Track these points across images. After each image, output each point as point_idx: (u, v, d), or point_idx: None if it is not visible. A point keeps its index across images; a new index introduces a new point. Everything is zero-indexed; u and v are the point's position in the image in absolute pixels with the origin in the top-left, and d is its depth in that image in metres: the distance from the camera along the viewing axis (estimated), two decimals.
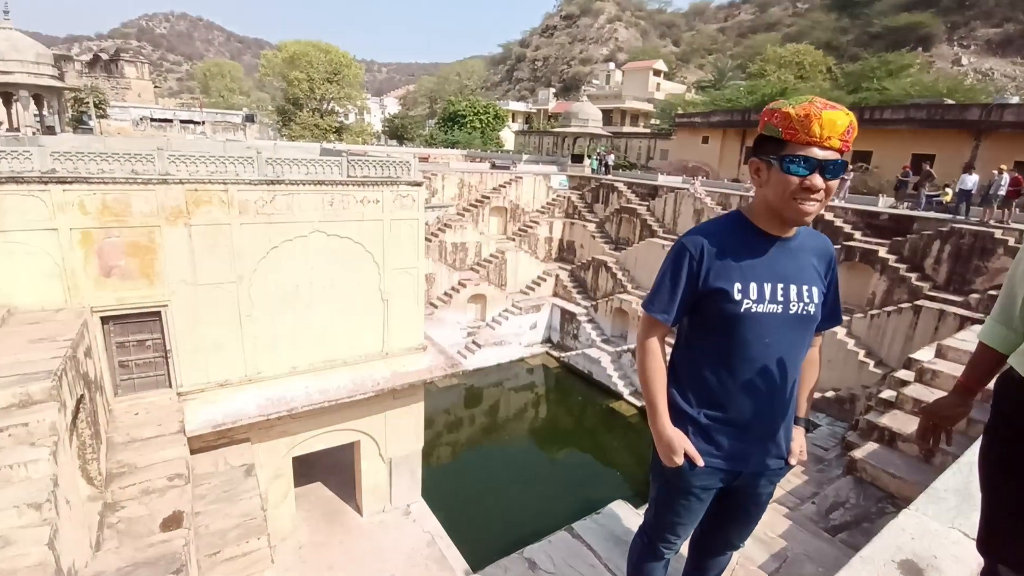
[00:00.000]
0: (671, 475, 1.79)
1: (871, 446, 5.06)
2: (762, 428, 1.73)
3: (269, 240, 9.47)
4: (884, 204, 16.65)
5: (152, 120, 38.89)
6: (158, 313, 8.81)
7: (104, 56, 59.35)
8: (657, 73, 53.86)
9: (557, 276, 23.97)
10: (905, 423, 5.11)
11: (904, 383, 5.90)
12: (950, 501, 2.92)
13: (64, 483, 5.15)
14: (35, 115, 18.51)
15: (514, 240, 23.92)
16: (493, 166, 27.37)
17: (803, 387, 1.84)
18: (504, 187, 23.97)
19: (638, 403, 18.22)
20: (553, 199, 25.53)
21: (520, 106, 61.54)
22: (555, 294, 23.93)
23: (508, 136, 51.05)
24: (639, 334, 1.82)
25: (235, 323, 9.39)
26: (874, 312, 13.92)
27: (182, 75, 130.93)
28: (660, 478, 1.87)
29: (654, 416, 1.76)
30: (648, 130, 44.02)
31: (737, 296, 1.60)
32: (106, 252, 8.21)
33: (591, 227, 23.96)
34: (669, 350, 1.88)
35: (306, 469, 11.79)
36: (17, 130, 17.81)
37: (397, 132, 51.44)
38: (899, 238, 14.56)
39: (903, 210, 15.93)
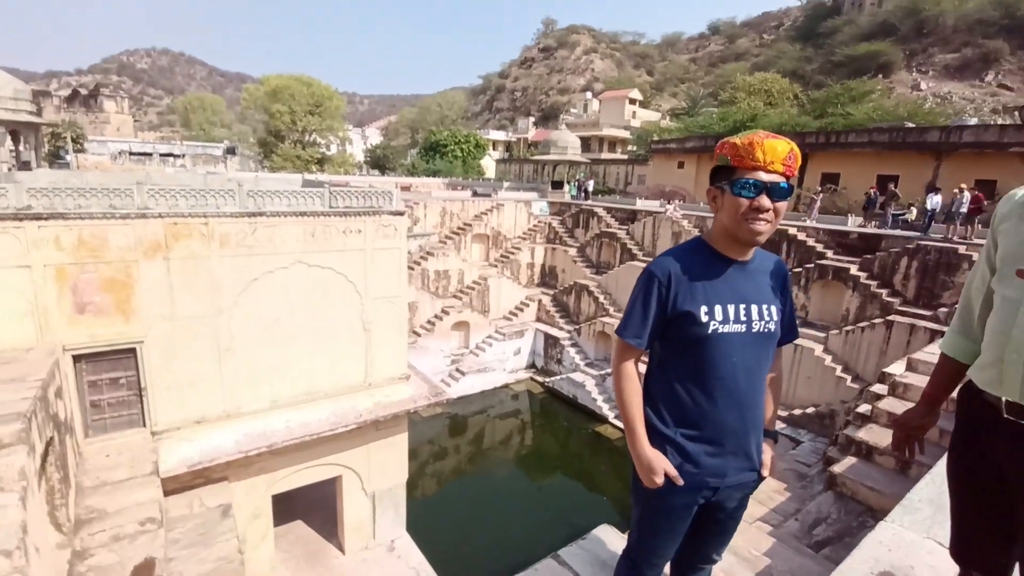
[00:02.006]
0: (652, 496, 1.82)
1: (850, 460, 5.14)
2: (735, 443, 1.78)
3: (250, 272, 9.39)
4: (853, 223, 17.21)
5: (131, 154, 38.65)
6: (133, 350, 8.61)
7: (83, 91, 59.23)
8: (632, 102, 55.48)
9: (540, 301, 24.07)
10: (881, 436, 5.21)
11: (879, 397, 6.04)
12: (924, 511, 2.99)
13: (33, 530, 4.95)
14: (11, 151, 18.29)
15: (496, 266, 24.04)
16: (475, 194, 27.67)
17: (769, 401, 1.90)
18: (486, 214, 24.21)
19: (623, 426, 18.13)
20: (534, 225, 25.82)
21: (500, 135, 62.65)
22: (538, 319, 23.99)
23: (489, 164, 51.82)
24: (614, 359, 1.87)
25: (214, 358, 9.22)
26: (849, 328, 14.23)
27: (162, 109, 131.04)
28: (642, 500, 1.91)
29: (633, 438, 1.81)
30: (625, 156, 45.09)
31: (704, 318, 1.67)
32: (80, 288, 8.05)
33: (572, 252, 24.23)
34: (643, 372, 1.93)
35: (286, 507, 11.44)
36: None
37: (379, 162, 51.87)
38: (869, 256, 15.02)
39: (871, 229, 16.49)
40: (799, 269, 16.09)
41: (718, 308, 1.68)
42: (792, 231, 16.86)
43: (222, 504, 8.76)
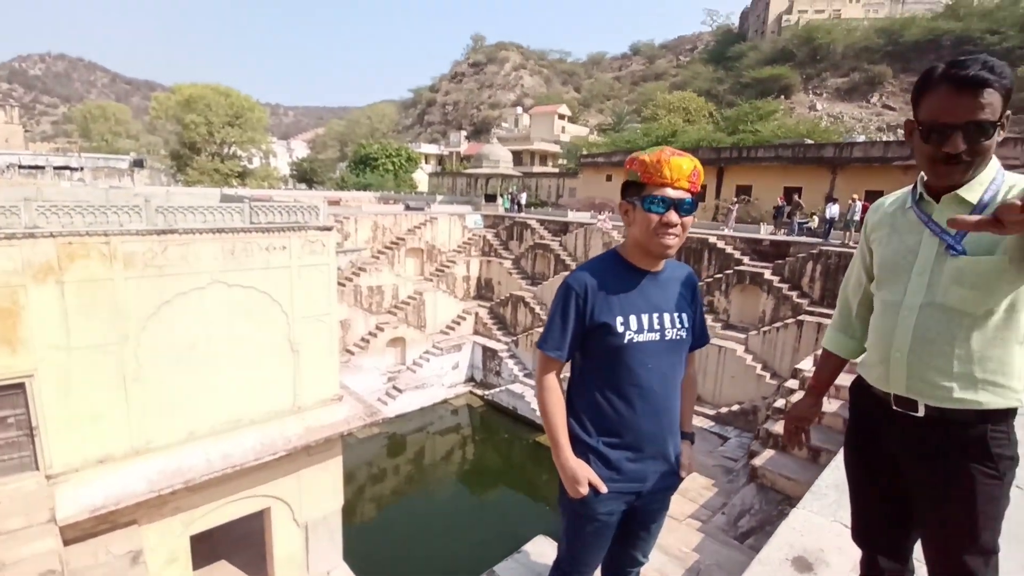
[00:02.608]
0: (578, 506, 1.84)
1: (768, 453, 5.47)
2: (655, 447, 1.84)
3: (160, 294, 8.72)
4: (765, 231, 18.55)
5: (21, 167, 34.86)
6: (22, 385, 7.71)
7: None
8: (561, 117, 57.09)
9: (476, 314, 24.01)
10: None
11: (792, 391, 6.50)
12: (831, 496, 3.23)
13: None
14: None
15: (432, 280, 23.76)
16: (407, 208, 27.31)
17: (684, 404, 1.99)
18: (419, 228, 23.93)
19: (547, 438, 18.35)
20: (469, 238, 25.82)
21: (432, 148, 62.37)
22: (476, 332, 23.90)
23: (422, 178, 51.36)
24: (536, 372, 1.89)
25: (119, 389, 8.43)
26: (766, 329, 15.25)
27: (58, 118, 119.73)
28: (568, 510, 1.92)
29: (557, 450, 1.82)
30: (556, 170, 46.19)
31: (620, 329, 1.72)
32: None
33: (507, 264, 24.42)
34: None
35: (207, 547, 10.57)
36: None
37: (306, 176, 50.10)
38: (780, 261, 16.22)
39: (781, 236, 17.84)
40: (720, 275, 17.10)
41: (633, 318, 1.74)
42: (712, 240, 17.91)
43: (132, 550, 7.98)
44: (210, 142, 38.50)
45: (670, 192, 1.65)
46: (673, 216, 1.65)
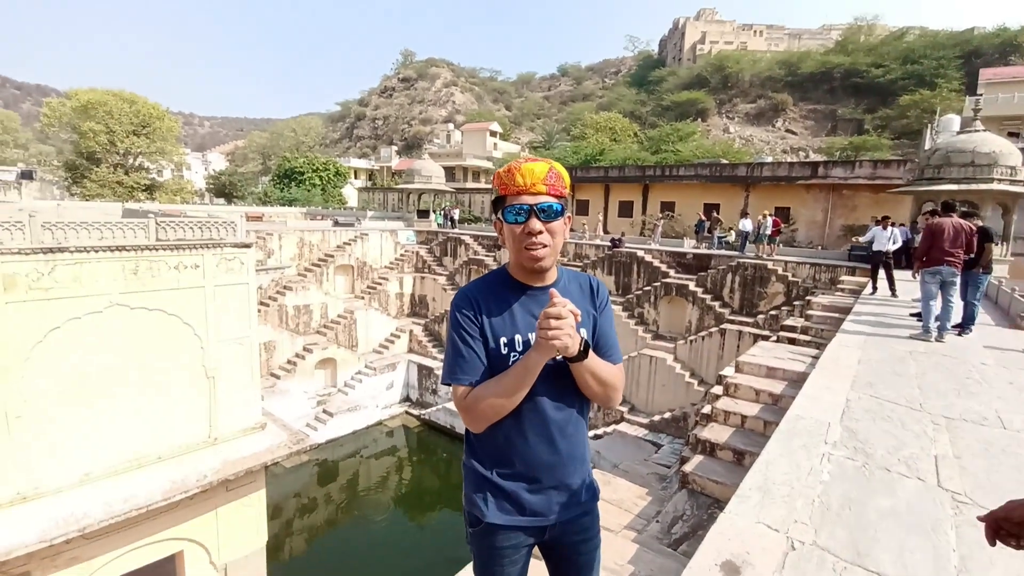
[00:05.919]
0: (479, 539, 1.74)
1: (698, 458, 5.64)
2: (553, 477, 1.70)
3: (48, 320, 7.79)
4: (688, 245, 19.56)
5: None
6: None
7: None
8: (493, 134, 57.81)
9: (411, 332, 23.49)
10: (720, 433, 5.82)
11: (717, 397, 6.78)
12: (754, 498, 3.34)
13: None
14: None
15: (363, 298, 23.02)
16: (336, 223, 26.42)
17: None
18: (349, 244, 23.18)
19: (521, 387, 18.09)
20: (402, 254, 25.33)
21: (362, 163, 61.06)
22: (410, 350, 23.34)
23: (351, 193, 50.05)
24: (458, 405, 1.66)
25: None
26: (692, 338, 15.99)
27: None
28: (475, 547, 1.80)
29: (528, 362, 1.53)
30: (490, 186, 46.55)
31: (504, 350, 1.62)
32: None
33: (442, 280, 24.15)
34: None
35: None
36: None
37: (224, 190, 47.35)
38: (703, 273, 17.13)
39: (702, 250, 18.88)
40: (648, 287, 17.78)
41: (517, 338, 1.63)
42: (640, 253, 18.64)
43: None
44: (112, 152, 35.40)
45: (527, 199, 1.56)
46: (535, 223, 1.55)
